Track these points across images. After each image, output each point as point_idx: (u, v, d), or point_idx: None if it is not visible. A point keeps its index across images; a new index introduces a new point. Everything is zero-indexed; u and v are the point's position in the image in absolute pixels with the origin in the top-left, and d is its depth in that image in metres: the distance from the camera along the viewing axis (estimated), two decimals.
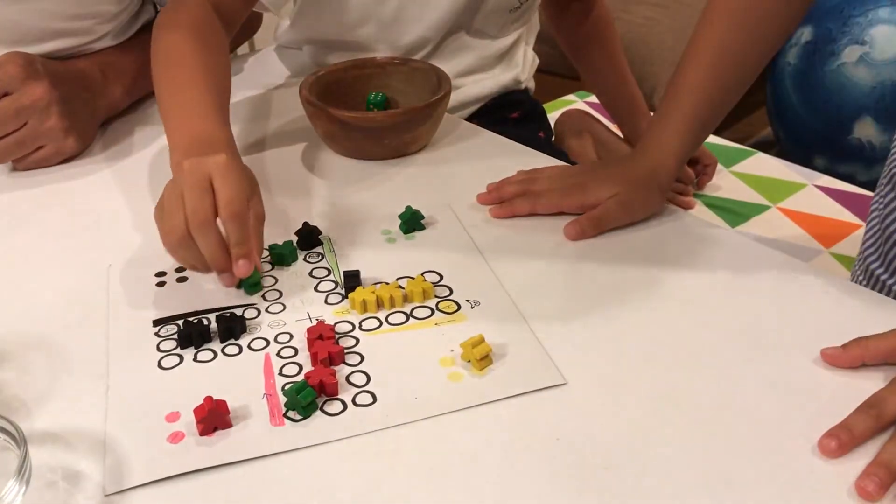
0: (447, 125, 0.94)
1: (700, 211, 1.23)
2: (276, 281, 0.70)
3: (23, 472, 0.47)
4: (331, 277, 0.70)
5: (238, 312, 0.66)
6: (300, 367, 0.61)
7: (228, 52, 0.89)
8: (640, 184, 0.76)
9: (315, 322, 0.65)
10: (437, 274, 0.70)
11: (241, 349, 0.63)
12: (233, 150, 0.72)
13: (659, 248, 0.73)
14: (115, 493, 0.51)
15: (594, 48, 1.26)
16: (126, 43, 0.98)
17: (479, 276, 0.70)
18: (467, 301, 0.67)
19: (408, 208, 0.76)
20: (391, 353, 0.62)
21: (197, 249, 0.65)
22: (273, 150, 0.91)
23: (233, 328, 0.63)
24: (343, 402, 0.57)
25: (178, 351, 0.62)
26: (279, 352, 0.62)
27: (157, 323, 0.65)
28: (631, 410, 0.56)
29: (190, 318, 0.65)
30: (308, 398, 0.56)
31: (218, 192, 0.65)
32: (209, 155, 0.67)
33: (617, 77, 1.26)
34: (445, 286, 0.69)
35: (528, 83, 1.21)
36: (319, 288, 0.69)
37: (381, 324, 0.65)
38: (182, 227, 0.64)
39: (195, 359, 0.62)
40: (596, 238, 0.74)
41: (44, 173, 0.88)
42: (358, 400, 0.58)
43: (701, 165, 1.26)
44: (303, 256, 0.73)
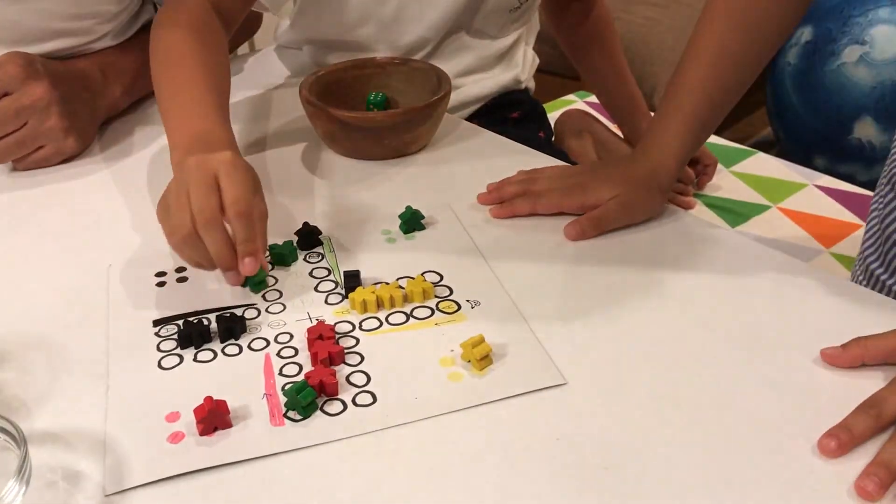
0: (447, 125, 0.94)
1: (700, 211, 1.23)
2: (277, 281, 0.70)
3: (23, 472, 0.47)
4: (331, 277, 0.70)
5: (238, 312, 0.66)
6: (300, 367, 0.61)
7: (228, 51, 0.89)
8: (640, 185, 0.76)
9: (315, 322, 0.65)
10: (438, 274, 0.70)
11: (241, 349, 0.63)
12: (235, 148, 0.72)
13: (659, 249, 0.73)
14: (115, 493, 0.51)
15: (594, 48, 1.26)
16: (126, 43, 0.98)
17: (480, 276, 0.70)
18: (467, 301, 0.67)
19: (408, 208, 0.76)
20: (391, 353, 0.62)
21: (203, 247, 0.65)
22: (273, 151, 0.91)
23: (233, 328, 0.63)
24: (343, 402, 0.57)
25: (178, 351, 0.62)
26: (279, 352, 0.62)
27: (157, 323, 0.65)
28: (631, 410, 0.56)
29: (190, 319, 0.65)
30: (308, 398, 0.56)
31: (224, 190, 0.65)
32: (214, 152, 0.67)
33: (617, 77, 1.26)
34: (445, 286, 0.69)
35: (528, 83, 1.21)
36: (319, 288, 0.69)
37: (382, 324, 0.65)
38: (188, 225, 0.64)
39: (195, 359, 0.62)
40: (596, 238, 0.74)
41: (44, 173, 0.88)
42: (358, 400, 0.58)
43: (701, 165, 1.26)
44: (303, 256, 0.73)
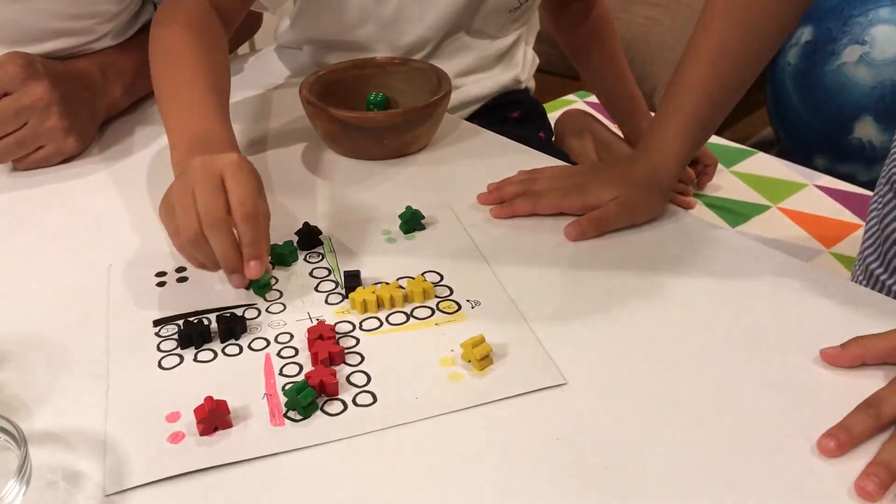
0: (447, 125, 0.94)
1: (700, 211, 1.23)
2: (277, 281, 0.70)
3: (23, 472, 0.47)
4: (331, 277, 0.70)
5: (238, 312, 0.66)
6: (300, 367, 0.61)
7: (227, 50, 0.89)
8: (641, 185, 0.76)
9: (315, 322, 0.65)
10: (438, 274, 0.70)
11: (241, 349, 0.63)
12: (237, 148, 0.72)
13: (659, 249, 0.73)
14: (115, 494, 0.51)
15: (594, 48, 1.26)
16: (126, 43, 0.98)
17: (480, 276, 0.70)
18: (468, 301, 0.67)
19: (408, 208, 0.76)
20: (391, 354, 0.62)
21: (208, 248, 0.64)
22: (273, 151, 0.91)
23: (233, 328, 0.63)
24: (343, 402, 0.57)
25: (178, 351, 0.62)
26: (279, 352, 0.62)
27: (157, 323, 0.65)
28: (631, 410, 0.56)
29: (190, 318, 0.65)
30: (308, 398, 0.56)
31: (231, 191, 0.65)
32: (217, 153, 0.67)
33: (617, 77, 1.26)
34: (446, 286, 0.69)
35: (528, 83, 1.21)
36: (320, 288, 0.69)
37: (382, 324, 0.65)
38: (194, 226, 0.64)
39: (195, 359, 0.62)
40: (596, 238, 0.74)
41: (44, 173, 0.88)
42: (358, 400, 0.58)
43: (701, 165, 1.26)
44: (303, 256, 0.73)
